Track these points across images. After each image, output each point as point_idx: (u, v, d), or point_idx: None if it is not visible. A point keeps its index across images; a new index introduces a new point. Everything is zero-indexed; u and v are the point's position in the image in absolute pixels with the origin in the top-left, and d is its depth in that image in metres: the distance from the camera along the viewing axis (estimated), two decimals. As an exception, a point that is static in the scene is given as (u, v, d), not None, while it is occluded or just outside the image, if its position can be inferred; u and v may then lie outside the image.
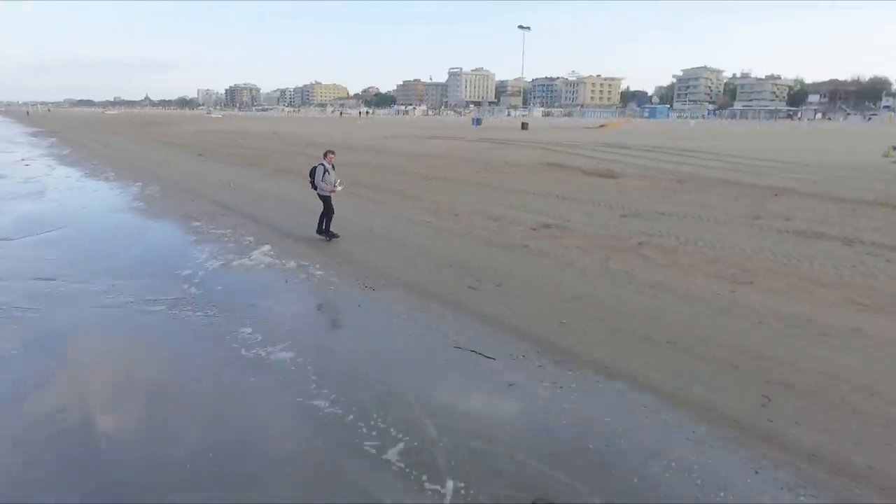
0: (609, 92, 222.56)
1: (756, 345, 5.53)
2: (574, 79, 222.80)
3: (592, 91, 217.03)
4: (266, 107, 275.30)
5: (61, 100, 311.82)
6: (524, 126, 45.96)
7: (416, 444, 3.99)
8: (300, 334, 5.96)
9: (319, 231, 10.18)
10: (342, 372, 5.14)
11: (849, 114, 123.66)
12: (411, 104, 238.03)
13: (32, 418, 4.37)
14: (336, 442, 4.03)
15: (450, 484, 3.58)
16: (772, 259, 8.46)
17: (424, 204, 13.00)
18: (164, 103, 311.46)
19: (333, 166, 10.13)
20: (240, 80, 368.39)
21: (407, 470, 3.71)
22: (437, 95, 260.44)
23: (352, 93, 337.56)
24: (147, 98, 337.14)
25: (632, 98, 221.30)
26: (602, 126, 52.54)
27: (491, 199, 13.69)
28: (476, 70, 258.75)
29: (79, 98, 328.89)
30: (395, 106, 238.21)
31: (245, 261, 8.69)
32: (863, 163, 19.74)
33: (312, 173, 10.01)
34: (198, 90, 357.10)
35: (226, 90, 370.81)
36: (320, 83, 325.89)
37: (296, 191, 15.13)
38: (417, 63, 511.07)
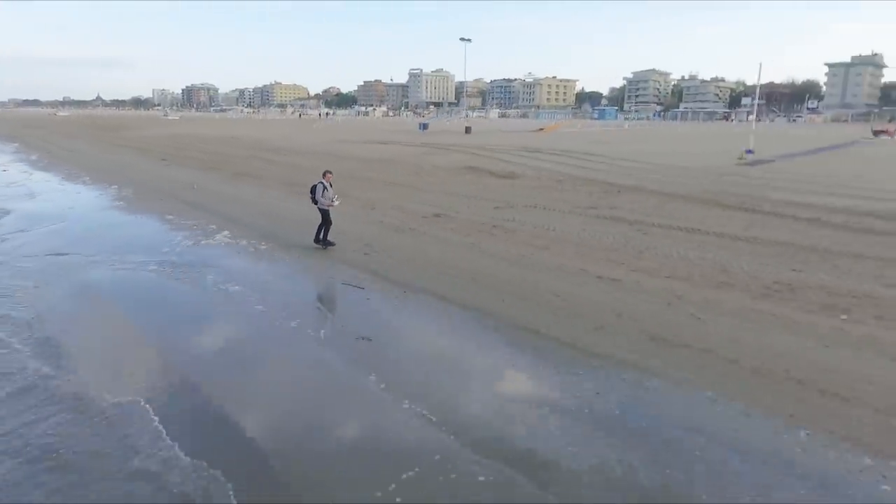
0: (564, 93, 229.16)
1: (531, 280, 9.39)
2: (531, 80, 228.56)
3: (548, 92, 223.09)
4: (224, 107, 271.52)
5: (5, 100, 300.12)
6: (468, 130, 49.96)
7: (306, 316, 7.66)
8: (246, 278, 9.53)
9: (317, 241, 11.54)
10: (271, 293, 8.75)
11: (777, 115, 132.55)
12: (372, 105, 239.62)
13: (106, 312, 7.85)
14: (267, 322, 7.67)
15: (314, 313, 7.27)
16: (575, 234, 12.44)
17: (354, 201, 16.59)
18: (118, 103, 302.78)
19: (331, 184, 11.58)
20: (197, 80, 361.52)
21: (300, 328, 7.38)
22: (398, 96, 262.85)
23: (312, 93, 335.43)
24: (99, 98, 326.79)
25: (587, 99, 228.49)
26: (540, 129, 57.05)
27: (408, 196, 17.39)
28: (436, 71, 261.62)
29: (24, 98, 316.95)
30: (356, 107, 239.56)
31: (210, 241, 12.13)
32: (715, 165, 24.37)
33: (313, 190, 11.43)
34: (153, 90, 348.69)
35: (182, 90, 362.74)
36: (280, 83, 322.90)
37: (252, 192, 18.48)
38: (378, 63, 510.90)
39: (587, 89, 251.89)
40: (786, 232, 12.48)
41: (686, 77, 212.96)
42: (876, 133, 58.13)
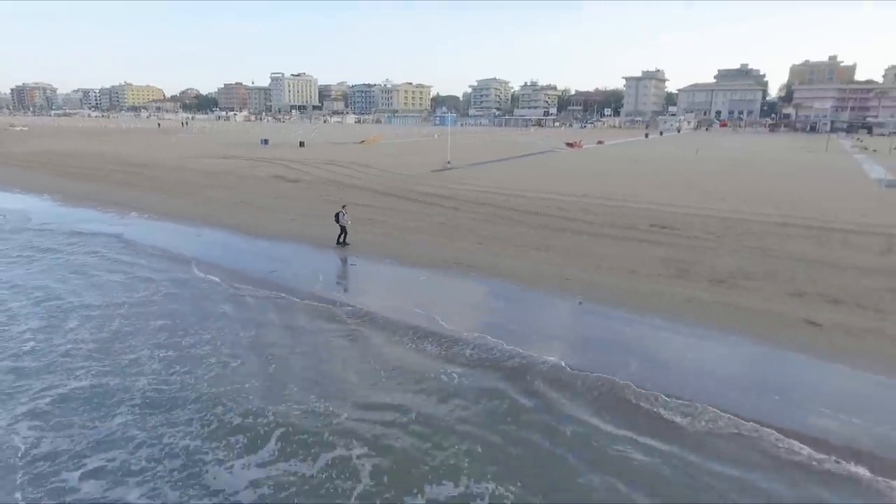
0: (420, 98, 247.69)
1: (274, 220, 23.88)
2: (389, 86, 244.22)
3: (405, 97, 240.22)
4: (67, 111, 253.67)
5: None
6: (301, 144, 63.49)
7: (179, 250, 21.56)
8: (132, 229, 22.99)
9: (338, 243, 19.66)
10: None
11: (576, 121, 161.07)
12: (233, 109, 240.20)
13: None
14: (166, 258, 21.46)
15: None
16: (309, 207, 27.12)
17: (195, 199, 29.87)
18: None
19: (346, 211, 19.95)
20: (29, 79, 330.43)
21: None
22: (260, 100, 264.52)
23: (168, 94, 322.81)
24: None
25: (442, 103, 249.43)
26: (362, 142, 72.03)
27: (225, 195, 31.00)
28: (298, 75, 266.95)
29: None
30: (217, 111, 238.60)
31: (122, 218, 25.08)
32: (419, 172, 40.80)
33: (337, 216, 19.82)
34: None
35: (12, 90, 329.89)
36: (131, 84, 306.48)
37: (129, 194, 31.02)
38: (240, 65, 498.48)
39: (446, 93, 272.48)
40: (424, 206, 28.24)
41: (527, 84, 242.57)
42: (568, 144, 71.30)
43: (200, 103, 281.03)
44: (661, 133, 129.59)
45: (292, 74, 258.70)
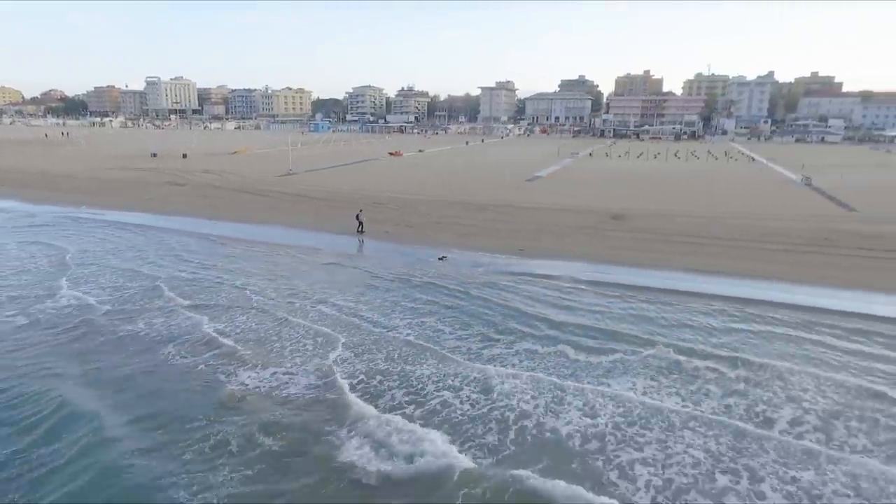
0: (300, 102, 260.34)
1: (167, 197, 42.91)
2: (270, 91, 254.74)
3: (286, 102, 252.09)
4: None
5: None
6: (184, 156, 79.91)
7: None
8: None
9: (357, 231, 33.28)
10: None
11: (432, 128, 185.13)
12: (106, 114, 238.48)
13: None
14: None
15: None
16: (179, 200, 46.16)
17: (98, 198, 47.45)
18: None
19: (362, 211, 34.60)
20: None
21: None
22: (136, 103, 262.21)
23: (28, 96, 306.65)
24: None
25: (323, 106, 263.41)
26: (235, 153, 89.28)
27: (127, 193, 48.85)
28: (176, 79, 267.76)
29: None
30: (89, 116, 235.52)
31: (78, 209, 42.69)
32: (267, 176, 60.76)
33: (358, 215, 33.84)
34: None
35: None
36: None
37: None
38: (110, 66, 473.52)
39: (329, 95, 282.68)
40: (259, 197, 48.03)
41: (403, 89, 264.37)
42: (390, 154, 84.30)
43: (68, 107, 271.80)
44: (483, 141, 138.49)
45: (171, 78, 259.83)
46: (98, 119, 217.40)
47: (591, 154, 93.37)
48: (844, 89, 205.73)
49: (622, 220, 37.82)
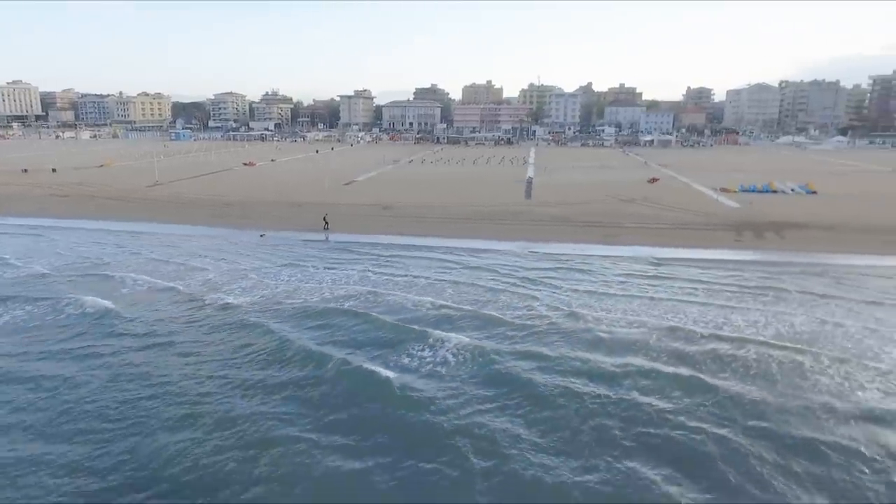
0: (159, 108, 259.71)
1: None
2: (125, 98, 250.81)
3: (143, 108, 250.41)
4: None
5: None
6: (54, 170, 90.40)
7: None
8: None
9: (324, 229, 48.73)
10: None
11: (291, 136, 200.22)
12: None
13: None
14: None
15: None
16: (70, 207, 61.28)
17: (24, 205, 60.94)
18: None
19: (327, 214, 51.94)
20: None
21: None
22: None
23: None
24: None
25: (182, 111, 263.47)
26: (102, 165, 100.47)
27: (35, 206, 62.56)
28: (14, 82, 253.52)
29: None
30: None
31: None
32: (136, 186, 76.27)
33: (324, 217, 50.17)
34: None
35: None
36: None
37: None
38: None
39: (191, 99, 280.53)
40: (129, 203, 63.98)
41: (267, 94, 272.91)
42: (245, 164, 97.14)
43: None
44: (332, 148, 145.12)
45: (7, 82, 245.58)
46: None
47: (410, 161, 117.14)
48: (645, 98, 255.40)
49: (390, 209, 60.65)
